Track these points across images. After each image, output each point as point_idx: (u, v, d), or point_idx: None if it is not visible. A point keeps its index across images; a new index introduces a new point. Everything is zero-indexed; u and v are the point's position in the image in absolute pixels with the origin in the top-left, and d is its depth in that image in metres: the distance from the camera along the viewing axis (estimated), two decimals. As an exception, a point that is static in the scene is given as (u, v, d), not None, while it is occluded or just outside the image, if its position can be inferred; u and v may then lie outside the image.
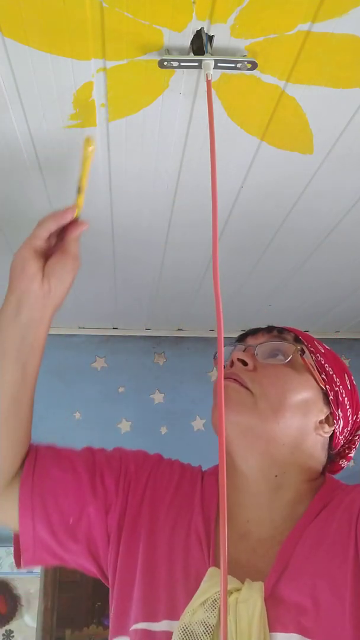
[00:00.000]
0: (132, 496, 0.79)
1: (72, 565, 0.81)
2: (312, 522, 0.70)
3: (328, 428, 0.76)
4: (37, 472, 0.78)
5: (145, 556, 0.73)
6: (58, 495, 0.77)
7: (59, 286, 0.76)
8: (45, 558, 0.78)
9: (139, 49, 0.70)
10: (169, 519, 0.76)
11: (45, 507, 0.76)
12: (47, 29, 0.67)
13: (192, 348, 2.20)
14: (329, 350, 0.83)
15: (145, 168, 0.98)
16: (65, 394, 2.08)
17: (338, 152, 0.93)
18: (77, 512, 0.77)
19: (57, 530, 0.76)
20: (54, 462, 0.80)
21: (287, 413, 0.73)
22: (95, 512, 0.77)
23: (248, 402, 0.73)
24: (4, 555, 2.01)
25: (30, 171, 0.99)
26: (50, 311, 0.77)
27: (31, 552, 0.77)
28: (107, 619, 2.78)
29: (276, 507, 0.73)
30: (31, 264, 0.75)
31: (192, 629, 0.62)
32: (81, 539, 0.77)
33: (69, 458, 0.81)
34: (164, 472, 0.82)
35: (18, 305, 0.75)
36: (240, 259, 1.43)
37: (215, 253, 0.63)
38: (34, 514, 0.76)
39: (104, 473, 0.80)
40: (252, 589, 0.63)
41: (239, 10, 0.64)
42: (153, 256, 1.41)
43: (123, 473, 0.81)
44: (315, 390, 0.76)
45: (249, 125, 0.86)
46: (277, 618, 0.61)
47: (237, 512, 0.74)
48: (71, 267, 0.78)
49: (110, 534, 0.77)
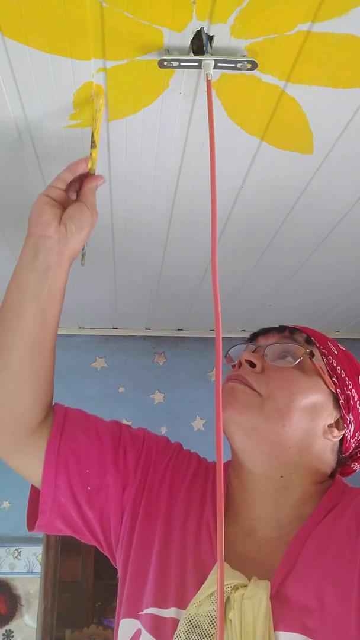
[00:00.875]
0: (151, 478, 0.80)
1: (80, 535, 0.81)
2: (320, 523, 0.70)
3: (338, 432, 0.75)
4: (65, 435, 0.79)
5: (161, 542, 0.74)
6: (82, 461, 0.78)
7: (75, 232, 0.76)
8: (58, 525, 0.79)
9: (139, 49, 0.70)
10: (184, 508, 0.77)
11: (68, 469, 0.77)
12: (47, 29, 0.67)
13: (192, 348, 2.20)
14: (343, 351, 0.81)
15: (146, 168, 0.98)
16: (65, 394, 2.08)
17: (338, 152, 0.93)
18: (97, 480, 0.78)
19: (76, 492, 0.77)
20: (82, 427, 0.81)
21: (294, 417, 0.72)
22: (113, 484, 0.78)
23: (254, 403, 0.72)
24: (4, 555, 2.01)
25: (30, 170, 0.99)
26: (67, 257, 0.77)
27: (47, 515, 0.78)
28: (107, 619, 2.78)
29: (282, 506, 0.73)
30: (47, 210, 0.77)
31: (197, 620, 0.62)
32: (96, 507, 0.78)
33: (96, 427, 0.83)
34: (183, 460, 0.84)
35: (35, 250, 0.76)
36: (240, 258, 1.43)
37: (214, 252, 0.63)
38: (57, 475, 0.77)
39: (127, 449, 0.81)
40: (258, 586, 0.63)
41: (239, 10, 0.64)
42: (153, 256, 1.41)
43: (144, 453, 0.82)
44: (324, 393, 0.75)
45: (249, 125, 0.86)
46: (282, 617, 0.61)
47: (244, 509, 0.75)
48: (88, 215, 0.78)
49: (125, 511, 0.78)
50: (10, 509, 2.01)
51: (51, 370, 0.79)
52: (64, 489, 0.77)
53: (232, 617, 0.61)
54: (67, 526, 0.80)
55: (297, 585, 0.64)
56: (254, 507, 0.74)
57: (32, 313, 0.76)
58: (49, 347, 0.78)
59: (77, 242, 0.77)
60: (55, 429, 0.79)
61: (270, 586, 0.63)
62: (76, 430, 0.80)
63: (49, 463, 0.77)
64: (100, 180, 0.81)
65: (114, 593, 0.81)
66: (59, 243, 0.76)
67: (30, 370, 0.76)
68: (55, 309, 0.77)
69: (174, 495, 0.78)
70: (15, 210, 1.14)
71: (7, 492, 2.01)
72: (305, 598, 0.63)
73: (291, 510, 0.73)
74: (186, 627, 0.62)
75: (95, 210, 0.79)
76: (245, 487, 0.76)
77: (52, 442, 0.78)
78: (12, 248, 1.33)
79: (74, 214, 0.77)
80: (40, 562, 2.01)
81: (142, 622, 0.68)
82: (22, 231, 0.78)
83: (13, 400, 0.76)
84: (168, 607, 0.66)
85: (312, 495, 0.74)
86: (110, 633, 3.20)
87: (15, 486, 1.99)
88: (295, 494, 0.73)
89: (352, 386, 0.77)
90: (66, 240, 0.76)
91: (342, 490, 0.74)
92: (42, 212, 0.77)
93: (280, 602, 0.63)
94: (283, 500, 0.73)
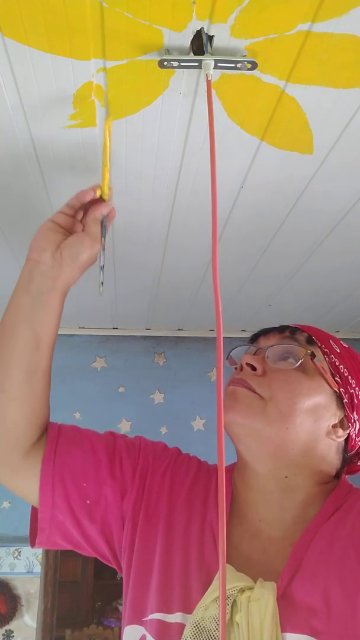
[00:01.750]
0: (150, 484, 0.80)
1: (84, 549, 0.82)
2: (325, 524, 0.70)
3: (342, 432, 0.74)
4: (59, 451, 0.80)
5: (163, 546, 0.73)
6: (77, 475, 0.79)
7: (70, 260, 0.77)
8: (58, 541, 0.80)
9: (139, 49, 0.70)
10: (185, 511, 0.76)
11: (65, 485, 0.78)
12: (47, 29, 0.67)
13: (192, 348, 2.20)
14: (345, 348, 0.80)
15: (146, 168, 0.98)
16: (66, 394, 2.08)
17: (338, 152, 0.93)
18: (95, 492, 0.78)
19: (75, 507, 0.78)
20: (75, 442, 0.82)
21: (297, 419, 0.71)
22: (112, 494, 0.79)
23: (256, 406, 0.72)
24: (4, 555, 2.01)
25: (30, 171, 0.99)
26: (61, 284, 0.77)
27: (47, 533, 0.79)
28: (107, 619, 2.78)
29: (286, 507, 0.73)
30: (47, 235, 0.78)
31: (204, 624, 0.62)
32: (97, 519, 0.78)
33: (90, 440, 0.83)
34: (182, 464, 0.83)
35: (30, 274, 0.77)
36: (241, 259, 1.43)
37: (214, 252, 0.63)
38: (54, 492, 0.78)
39: (122, 458, 0.81)
40: (264, 588, 0.63)
41: (239, 10, 0.64)
42: (153, 259, 1.41)
43: (141, 461, 0.82)
44: (327, 393, 0.74)
45: (249, 125, 0.86)
46: (288, 619, 0.61)
47: (249, 510, 0.75)
48: (87, 245, 0.77)
49: (125, 519, 0.78)
50: (10, 509, 2.01)
51: (46, 392, 0.79)
52: (62, 506, 0.77)
53: (239, 619, 0.61)
54: (67, 542, 0.80)
55: (303, 586, 0.64)
56: (259, 508, 0.74)
57: (25, 336, 0.76)
58: (43, 371, 0.78)
59: (72, 270, 0.77)
60: (49, 447, 0.80)
61: (277, 588, 0.63)
62: (70, 446, 0.80)
63: (45, 481, 0.78)
64: (105, 208, 0.80)
65: (114, 593, 0.81)
66: (53, 269, 0.76)
67: (24, 392, 0.76)
68: (49, 334, 0.77)
69: (174, 499, 0.78)
70: (15, 211, 1.14)
71: (7, 492, 1.98)
72: (312, 599, 0.63)
73: (295, 511, 0.73)
74: (193, 631, 0.62)
75: (97, 240, 0.79)
76: (250, 488, 0.76)
77: (47, 460, 0.78)
78: (12, 246, 1.33)
79: (72, 242, 0.77)
80: (40, 562, 2.01)
81: (147, 628, 0.67)
82: (22, 233, 0.78)
83: (7, 420, 0.76)
84: (173, 612, 0.66)
85: (317, 496, 0.74)
86: (110, 633, 3.20)
87: (15, 486, 1.99)
88: (300, 495, 0.73)
89: (356, 384, 0.76)
90: (60, 267, 0.76)
91: (347, 491, 0.74)
92: (42, 238, 0.77)
93: (287, 603, 0.62)
94: (288, 500, 0.73)
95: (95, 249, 0.79)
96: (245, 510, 0.75)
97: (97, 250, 0.79)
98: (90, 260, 0.79)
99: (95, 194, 0.80)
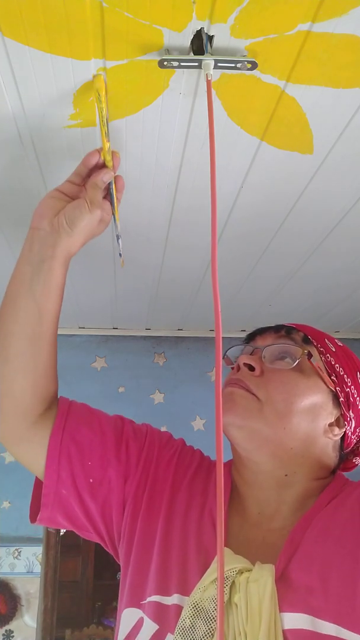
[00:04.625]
0: (154, 471, 0.81)
1: (82, 530, 0.82)
2: (322, 511, 0.71)
3: (338, 430, 0.75)
4: (68, 426, 0.80)
5: (163, 531, 0.74)
6: (84, 453, 0.79)
7: (66, 226, 0.75)
8: (60, 520, 0.80)
9: (139, 49, 0.70)
10: (186, 499, 0.77)
11: (70, 460, 0.78)
12: (47, 29, 0.67)
13: (192, 348, 2.20)
14: (341, 347, 0.81)
15: (146, 168, 0.98)
16: (66, 394, 2.07)
17: (338, 152, 0.93)
18: (99, 472, 0.79)
19: (78, 483, 0.78)
20: (85, 420, 0.82)
21: (294, 419, 0.72)
22: (115, 477, 0.79)
23: (254, 408, 0.72)
24: (4, 555, 2.01)
25: (30, 171, 0.99)
26: (61, 251, 0.76)
27: (49, 509, 0.79)
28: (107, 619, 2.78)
29: (285, 501, 0.74)
30: (48, 203, 0.77)
31: (203, 605, 0.63)
32: (99, 499, 0.78)
33: (100, 420, 0.84)
34: (187, 455, 0.85)
35: (30, 242, 0.77)
36: (241, 259, 1.43)
37: (214, 252, 0.63)
38: (59, 466, 0.78)
39: (129, 443, 0.82)
40: (263, 569, 0.64)
41: (239, 10, 0.64)
42: (153, 258, 1.41)
43: (147, 447, 0.83)
44: (324, 393, 0.75)
45: (249, 125, 0.86)
46: (286, 599, 0.62)
47: (248, 504, 0.76)
48: (85, 210, 0.75)
49: (126, 503, 0.79)
50: (10, 509, 2.01)
51: (51, 363, 0.79)
52: (67, 480, 0.78)
53: (237, 600, 0.62)
54: (69, 520, 0.80)
55: (300, 567, 0.65)
56: (258, 503, 0.75)
57: (26, 305, 0.76)
58: (47, 340, 0.77)
59: (71, 237, 0.76)
60: (59, 420, 0.80)
61: (275, 570, 0.64)
62: (79, 423, 0.81)
63: (52, 453, 0.78)
64: (106, 175, 0.78)
65: (114, 593, 0.81)
66: (51, 236, 0.76)
67: (29, 363, 0.76)
68: (51, 305, 0.77)
69: (176, 487, 0.79)
70: (15, 211, 1.14)
71: (7, 492, 2.01)
72: (309, 579, 0.63)
73: (293, 504, 0.74)
74: (191, 611, 0.63)
75: (97, 206, 0.76)
76: (249, 485, 0.77)
77: (55, 433, 0.79)
78: (12, 246, 1.33)
79: (69, 208, 0.76)
80: (40, 562, 2.01)
81: (145, 610, 0.68)
82: (22, 232, 0.78)
83: (13, 390, 0.77)
84: (171, 594, 0.67)
85: (314, 490, 0.75)
86: (110, 633, 3.20)
87: (15, 486, 1.99)
88: (298, 490, 0.74)
89: (352, 383, 0.77)
90: (58, 234, 0.75)
91: (343, 483, 0.76)
92: (42, 205, 0.77)
93: (285, 584, 0.63)
94: (286, 496, 0.74)
95: (95, 215, 0.76)
96: (244, 503, 0.76)
97: (97, 217, 0.77)
98: (90, 227, 0.77)
99: (100, 158, 0.78)
